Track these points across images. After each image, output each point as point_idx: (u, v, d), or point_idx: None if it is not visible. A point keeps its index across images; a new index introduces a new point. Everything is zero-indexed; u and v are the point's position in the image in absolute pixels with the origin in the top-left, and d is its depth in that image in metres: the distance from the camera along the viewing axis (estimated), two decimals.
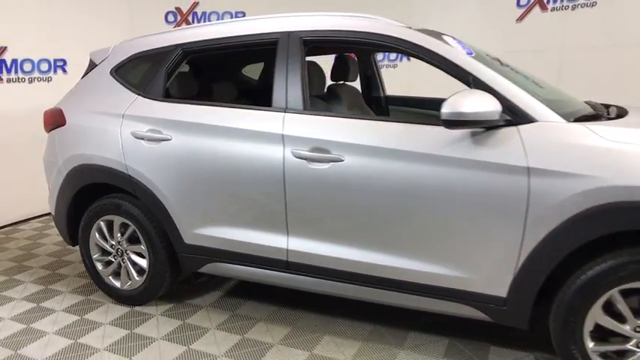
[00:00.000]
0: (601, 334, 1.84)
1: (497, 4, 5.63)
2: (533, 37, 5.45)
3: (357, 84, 3.53)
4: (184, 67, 2.90)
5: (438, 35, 2.19)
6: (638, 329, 1.77)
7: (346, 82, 3.18)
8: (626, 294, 1.77)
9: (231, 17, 6.23)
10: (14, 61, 4.45)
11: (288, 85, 2.28)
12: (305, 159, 2.17)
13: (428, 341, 2.34)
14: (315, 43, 2.33)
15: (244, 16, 6.27)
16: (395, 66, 6.38)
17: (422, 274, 2.05)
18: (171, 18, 5.83)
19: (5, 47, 4.37)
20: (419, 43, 2.07)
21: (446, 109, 1.79)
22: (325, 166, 2.13)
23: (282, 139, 2.22)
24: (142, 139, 2.55)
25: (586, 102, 2.55)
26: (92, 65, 2.95)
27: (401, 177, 2.00)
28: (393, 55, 6.34)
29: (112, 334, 2.52)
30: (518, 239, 1.85)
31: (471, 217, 1.92)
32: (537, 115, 1.86)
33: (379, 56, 6.37)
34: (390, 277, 2.12)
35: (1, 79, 4.37)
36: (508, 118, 1.87)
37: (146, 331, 2.54)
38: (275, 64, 2.33)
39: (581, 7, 5.14)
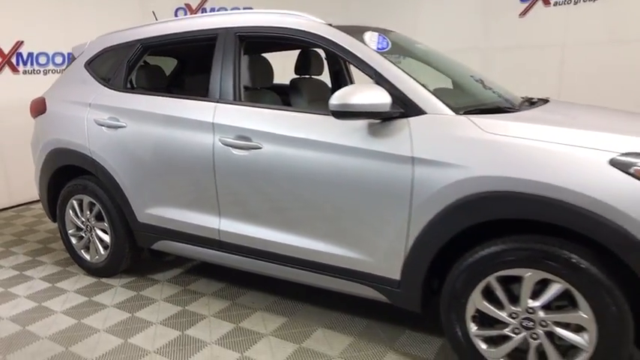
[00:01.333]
0: (484, 319, 1.92)
1: None
2: (536, 32, 5.36)
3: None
4: (149, 60, 3.15)
5: (358, 31, 2.30)
6: (513, 315, 1.84)
7: (312, 77, 3.33)
8: (509, 281, 1.84)
9: None
10: (30, 54, 4.89)
11: (222, 78, 2.47)
12: (230, 146, 2.35)
13: (348, 321, 2.48)
14: (249, 38, 2.49)
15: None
16: (398, 63, 6.41)
17: (326, 254, 2.19)
18: (181, 14, 6.16)
19: (22, 41, 4.81)
20: (329, 38, 2.20)
21: (334, 101, 1.92)
22: (246, 153, 2.31)
23: (213, 127, 2.41)
24: (103, 125, 2.82)
25: (523, 97, 2.59)
26: (73, 58, 3.25)
27: (306, 164, 2.14)
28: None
29: (73, 300, 2.81)
30: (405, 225, 1.96)
31: (364, 202, 2.03)
32: (427, 108, 1.95)
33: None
34: (301, 257, 2.27)
35: (18, 71, 4.82)
36: (402, 110, 1.97)
37: (102, 299, 2.81)
38: (213, 57, 2.52)
39: (584, 1, 5.00)
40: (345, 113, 1.93)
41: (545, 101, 2.48)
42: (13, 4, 4.67)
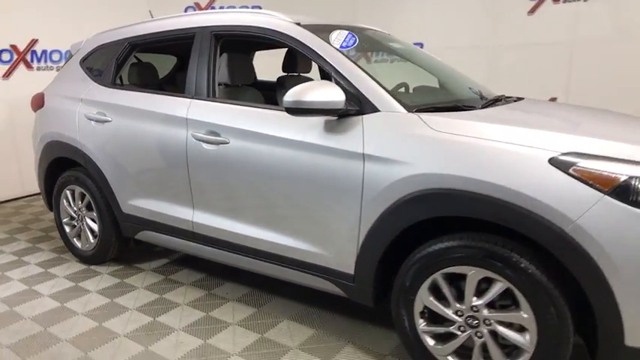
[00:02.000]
0: (432, 315, 1.93)
1: None
2: (545, 30, 5.26)
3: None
4: (143, 57, 3.27)
5: (327, 29, 2.34)
6: (459, 313, 1.85)
7: (301, 74, 3.38)
8: (456, 279, 1.85)
9: None
10: (44, 51, 5.11)
11: (197, 75, 2.55)
12: (201, 141, 2.43)
13: (315, 314, 2.52)
14: (224, 37, 2.56)
15: (260, 9, 6.60)
16: (393, 61, 6.40)
17: (287, 247, 2.24)
18: (190, 12, 6.30)
19: (36, 39, 5.03)
20: (294, 36, 2.25)
21: (287, 98, 1.96)
22: (215, 147, 2.38)
23: (186, 122, 2.49)
24: (92, 120, 2.95)
25: (500, 95, 2.57)
26: (71, 55, 3.40)
27: (267, 159, 2.20)
28: None
29: (61, 284, 2.96)
30: (357, 220, 1.99)
31: (320, 197, 2.08)
32: (381, 106, 1.98)
33: None
34: (265, 250, 2.33)
35: (32, 68, 5.05)
36: (357, 107, 2.00)
37: (87, 285, 2.95)
38: (190, 55, 2.61)
39: None
40: (298, 110, 1.97)
41: (520, 99, 2.46)
42: (29, 4, 4.89)
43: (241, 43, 3.11)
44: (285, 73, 3.32)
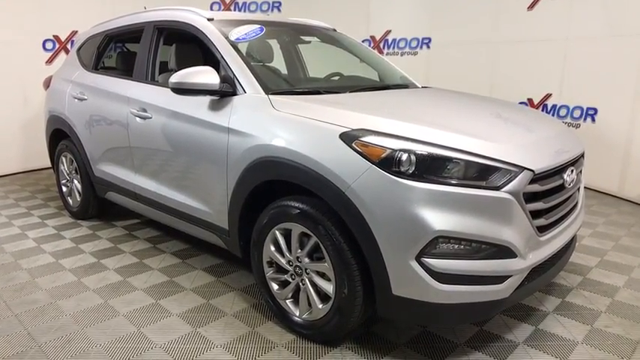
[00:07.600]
0: (278, 265, 2.29)
1: None
2: (543, 25, 5.24)
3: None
4: (117, 48, 3.87)
5: (236, 24, 2.75)
6: (290, 263, 2.20)
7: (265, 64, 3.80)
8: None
9: (268, 6, 7.05)
10: None
11: (140, 61, 3.08)
12: (136, 116, 2.95)
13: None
14: (163, 29, 3.06)
15: (280, 5, 7.06)
16: (415, 54, 6.57)
17: (188, 206, 2.70)
18: (215, 8, 6.91)
19: (76, 31, 5.85)
20: (199, 29, 2.69)
21: (172, 79, 2.40)
22: (143, 121, 2.89)
23: (128, 100, 3.03)
24: (75, 98, 3.59)
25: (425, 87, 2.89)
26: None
27: (174, 130, 2.68)
28: (414, 43, 6.55)
29: (47, 232, 3.65)
30: (224, 182, 2.40)
31: (203, 163, 2.51)
32: (248, 88, 2.37)
33: (401, 43, 6.63)
34: (175, 208, 2.80)
35: None
36: (231, 90, 2.41)
37: (66, 234, 3.61)
38: (140, 44, 3.14)
39: None
40: (180, 90, 2.40)
41: (425, 88, 2.82)
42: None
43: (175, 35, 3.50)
44: None
